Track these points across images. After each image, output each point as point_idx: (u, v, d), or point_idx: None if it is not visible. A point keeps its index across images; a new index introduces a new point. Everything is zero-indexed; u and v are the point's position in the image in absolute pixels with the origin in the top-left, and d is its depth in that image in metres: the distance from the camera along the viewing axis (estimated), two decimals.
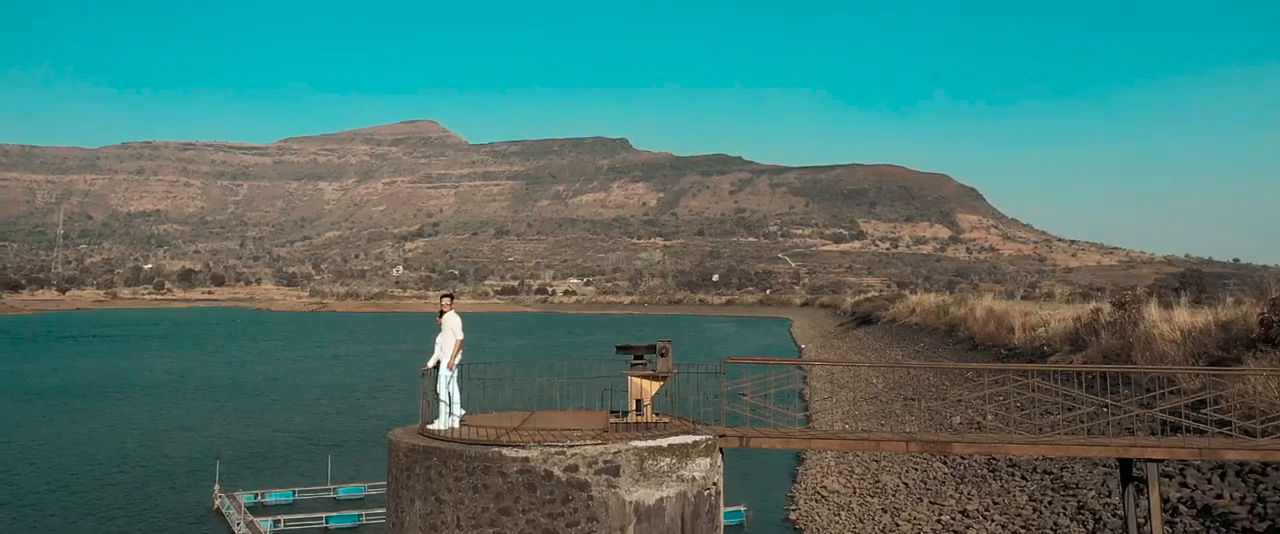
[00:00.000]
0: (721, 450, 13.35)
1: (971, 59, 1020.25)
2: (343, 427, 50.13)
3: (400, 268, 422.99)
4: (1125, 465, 14.20)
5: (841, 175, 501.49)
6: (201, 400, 61.99)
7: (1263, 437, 13.80)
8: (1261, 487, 20.76)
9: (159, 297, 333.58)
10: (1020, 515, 25.47)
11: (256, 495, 34.68)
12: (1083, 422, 22.98)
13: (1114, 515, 22.84)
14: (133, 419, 53.36)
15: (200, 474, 37.98)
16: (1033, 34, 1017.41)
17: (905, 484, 32.47)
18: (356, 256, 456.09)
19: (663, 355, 13.93)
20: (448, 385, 14.26)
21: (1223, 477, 21.88)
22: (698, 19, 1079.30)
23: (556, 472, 12.06)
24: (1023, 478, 28.66)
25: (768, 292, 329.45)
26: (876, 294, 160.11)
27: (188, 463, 40.60)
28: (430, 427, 13.90)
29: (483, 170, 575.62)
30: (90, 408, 57.89)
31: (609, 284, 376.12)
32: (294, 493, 35.79)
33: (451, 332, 14.48)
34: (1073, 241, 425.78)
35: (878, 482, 33.90)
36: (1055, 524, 23.73)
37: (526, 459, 12.08)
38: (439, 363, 14.39)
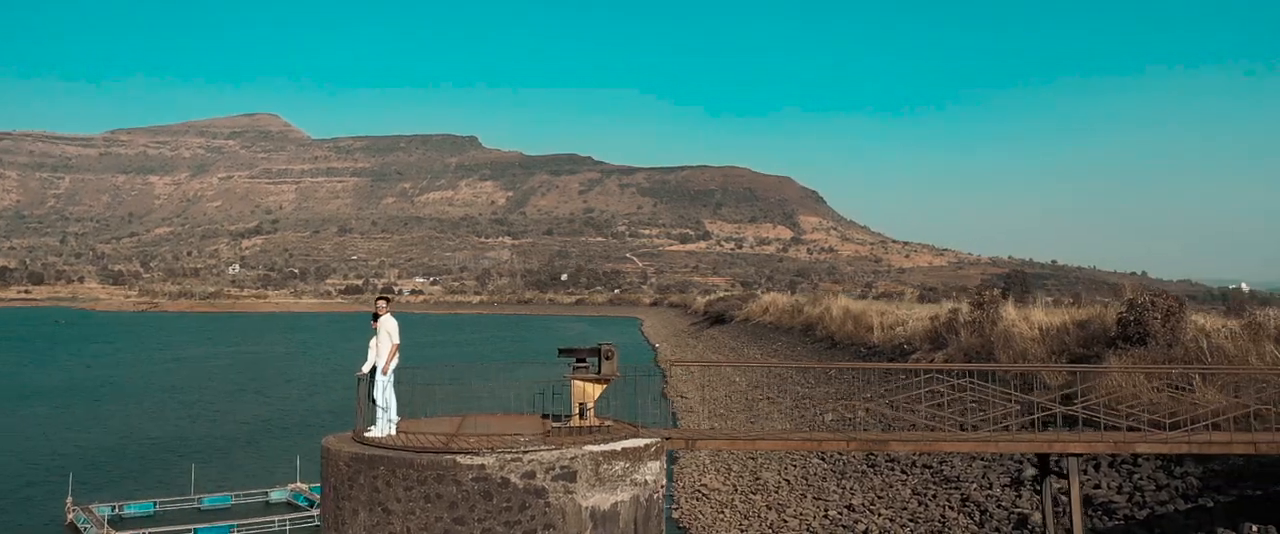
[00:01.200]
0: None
1: (815, 67, 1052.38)
2: (202, 433, 47.80)
3: (236, 266, 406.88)
4: (1043, 460, 14.85)
5: (689, 176, 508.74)
6: (41, 407, 57.94)
7: (1171, 430, 14.66)
8: (1136, 477, 22.04)
9: None
10: (906, 508, 26.27)
11: (114, 508, 32.71)
12: (958, 417, 23.90)
13: (998, 506, 23.87)
14: None
15: (50, 486, 35.57)
16: (873, 45, 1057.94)
17: (787, 481, 33.05)
18: (189, 254, 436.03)
19: (608, 359, 13.80)
20: (384, 391, 13.75)
21: (1097, 468, 23.13)
22: (548, 18, 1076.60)
23: (513, 478, 11.78)
24: (903, 472, 29.57)
25: (616, 291, 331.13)
26: (729, 294, 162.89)
27: (34, 474, 37.97)
28: (367, 434, 13.37)
29: (325, 166, 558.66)
30: None
31: (456, 284, 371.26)
32: (155, 504, 33.95)
33: (388, 335, 13.99)
34: (906, 243, 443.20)
35: (758, 478, 34.43)
36: (943, 517, 24.59)
37: (482, 466, 11.76)
38: (374, 368, 13.87)
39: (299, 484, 35.94)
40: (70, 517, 31.46)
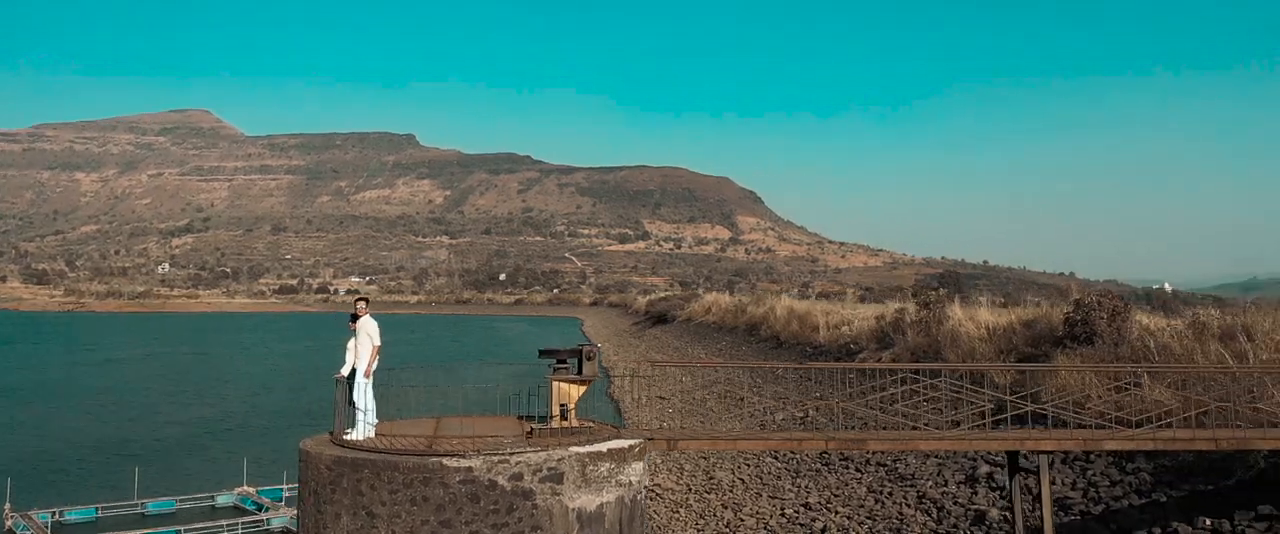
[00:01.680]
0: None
1: (754, 69, 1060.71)
2: (143, 435, 46.60)
3: (166, 265, 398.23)
4: (1012, 457, 15.14)
5: (628, 176, 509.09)
6: None
7: (1137, 428, 15.03)
8: (1089, 473, 22.55)
9: None
10: (863, 506, 26.58)
11: (54, 514, 31.87)
12: (912, 413, 24.25)
13: (954, 503, 24.27)
14: None
15: None
16: (811, 48, 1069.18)
17: (741, 480, 33.24)
18: (117, 253, 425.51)
19: (589, 360, 13.78)
20: (364, 394, 13.57)
21: (1052, 465, 23.62)
22: (488, 16, 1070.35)
23: (500, 481, 11.71)
24: (858, 471, 29.90)
25: (556, 291, 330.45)
26: (670, 294, 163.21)
27: None
28: (347, 437, 13.19)
29: (259, 163, 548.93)
30: None
31: (393, 283, 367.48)
32: (98, 510, 33.14)
33: (368, 337, 13.81)
34: (842, 243, 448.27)
35: (712, 477, 34.56)
36: (900, 514, 24.92)
37: (470, 469, 11.68)
38: (354, 370, 13.68)
39: (246, 488, 35.34)
40: (9, 523, 30.63)
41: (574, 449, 12.27)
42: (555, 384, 13.69)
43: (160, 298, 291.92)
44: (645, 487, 12.90)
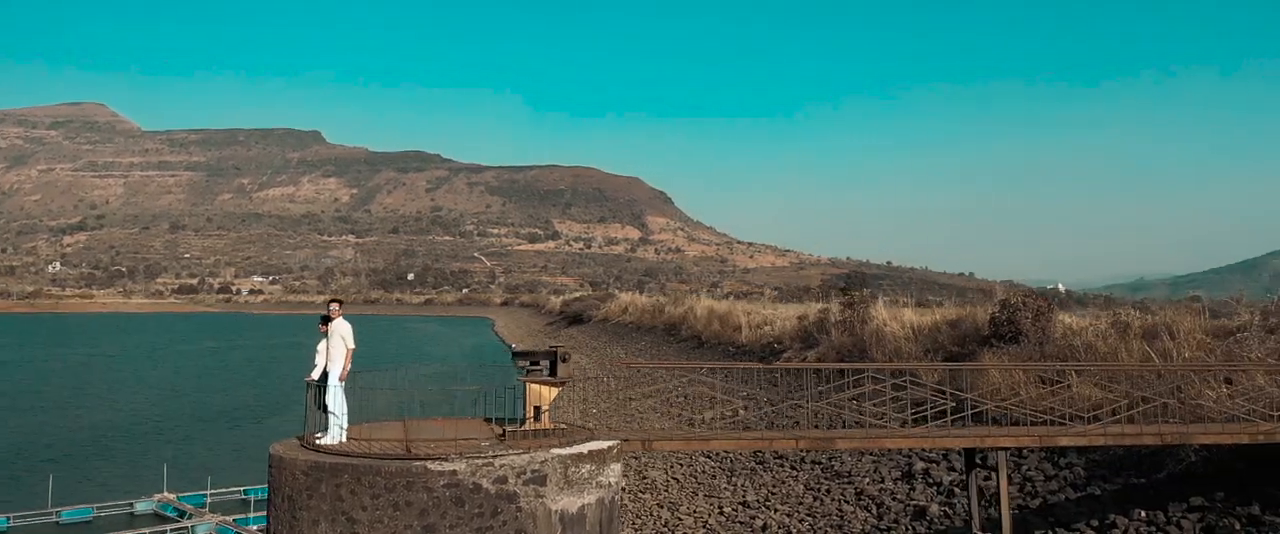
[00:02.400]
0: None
1: (667, 70, 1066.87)
2: (53, 441, 44.61)
3: (57, 264, 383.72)
4: (969, 454, 15.56)
5: (538, 176, 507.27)
6: None
7: (1090, 424, 15.58)
8: (1024, 467, 23.22)
9: None
10: (802, 503, 26.95)
11: None
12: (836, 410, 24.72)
13: (893, 499, 24.78)
14: None
15: None
16: (720, 50, 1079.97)
17: (675, 480, 33.40)
18: (4, 251, 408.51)
19: (563, 361, 13.75)
20: (336, 397, 13.32)
21: (984, 461, 24.28)
22: (397, 12, 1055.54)
23: (485, 484, 11.61)
24: (793, 468, 30.32)
25: (465, 291, 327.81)
26: (584, 294, 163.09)
27: None
28: (319, 441, 12.93)
29: (157, 159, 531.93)
30: None
31: (298, 283, 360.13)
32: (9, 520, 31.80)
33: (342, 340, 13.57)
34: (751, 244, 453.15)
35: (645, 477, 34.66)
36: (840, 510, 25.35)
37: (454, 472, 11.55)
38: (326, 374, 13.43)
39: (167, 494, 34.32)
40: None
41: (556, 451, 12.24)
42: (530, 386, 13.64)
43: (52, 298, 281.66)
44: (623, 487, 12.94)
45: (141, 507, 33.68)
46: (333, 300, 14.27)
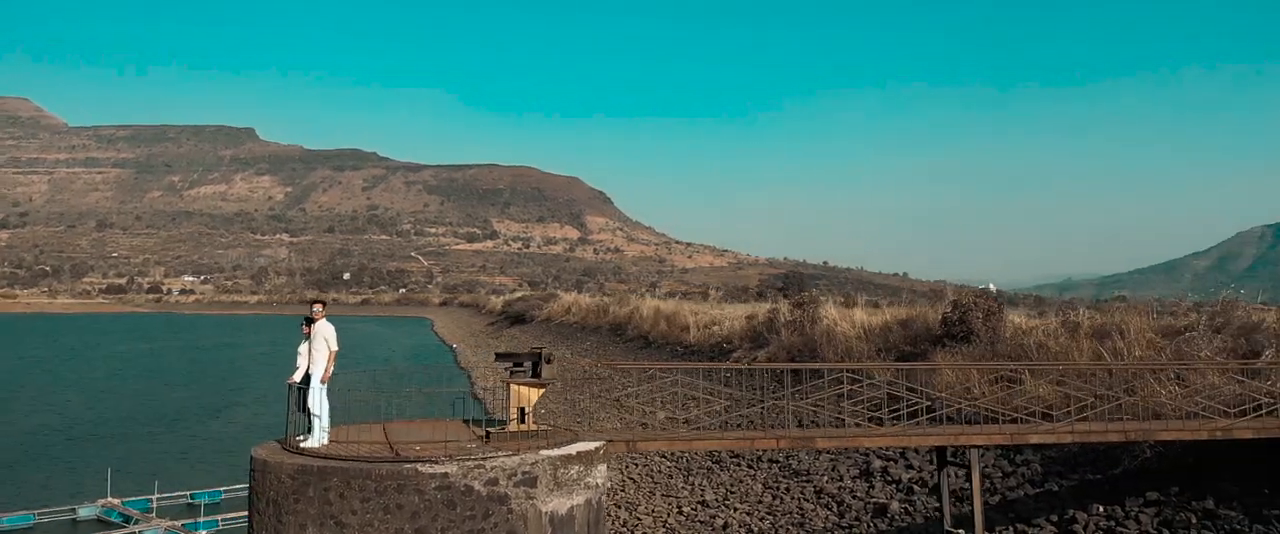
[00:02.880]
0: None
1: (608, 71, 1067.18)
2: None
3: None
4: (940, 452, 15.84)
5: (477, 175, 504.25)
6: None
7: (1057, 421, 15.95)
8: (982, 464, 23.69)
9: None
10: (761, 502, 27.15)
11: None
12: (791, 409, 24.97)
13: (853, 497, 25.09)
14: None
15: None
16: (662, 52, 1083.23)
17: (631, 479, 33.41)
18: None
19: (548, 362, 13.73)
20: (319, 400, 13.15)
21: (943, 458, 24.68)
22: (334, 9, 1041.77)
23: (477, 486, 11.55)
24: (751, 467, 30.52)
25: (403, 290, 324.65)
26: (525, 293, 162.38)
27: None
28: (304, 444, 12.75)
29: (84, 156, 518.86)
30: None
31: (230, 283, 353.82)
32: None
33: (325, 342, 13.40)
34: (689, 244, 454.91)
35: None
36: (800, 508, 25.60)
37: (446, 474, 11.47)
38: (308, 376, 13.25)
39: (111, 499, 33.52)
40: None
41: (546, 453, 12.23)
42: (513, 387, 13.60)
43: None
44: (609, 488, 12.97)
45: (85, 512, 32.86)
46: (315, 302, 14.12)
